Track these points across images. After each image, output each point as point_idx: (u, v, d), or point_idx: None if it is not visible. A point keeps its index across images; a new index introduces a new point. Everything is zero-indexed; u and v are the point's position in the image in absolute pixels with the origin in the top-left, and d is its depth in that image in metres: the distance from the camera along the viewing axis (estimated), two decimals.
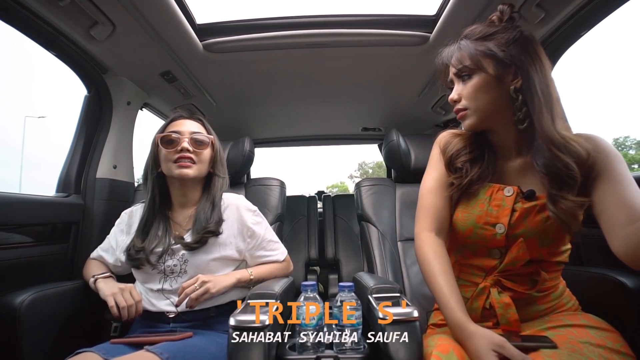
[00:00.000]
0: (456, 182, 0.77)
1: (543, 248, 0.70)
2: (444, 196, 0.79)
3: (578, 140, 0.67)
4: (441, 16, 1.13)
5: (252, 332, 0.65)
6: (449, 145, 0.82)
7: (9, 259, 0.99)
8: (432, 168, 0.85)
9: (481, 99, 0.72)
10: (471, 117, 0.74)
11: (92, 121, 1.36)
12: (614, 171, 0.64)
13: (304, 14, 1.25)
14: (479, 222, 0.73)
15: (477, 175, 0.75)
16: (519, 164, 0.75)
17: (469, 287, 0.77)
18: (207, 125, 1.05)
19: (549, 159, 0.66)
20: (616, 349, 0.60)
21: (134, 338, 0.82)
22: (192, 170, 0.95)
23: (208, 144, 1.00)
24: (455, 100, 0.76)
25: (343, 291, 0.78)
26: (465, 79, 0.73)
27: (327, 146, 2.62)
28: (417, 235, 0.79)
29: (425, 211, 0.80)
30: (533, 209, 0.69)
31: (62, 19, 1.01)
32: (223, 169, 1.06)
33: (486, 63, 0.70)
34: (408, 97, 1.68)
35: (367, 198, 1.27)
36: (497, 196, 0.73)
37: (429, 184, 0.82)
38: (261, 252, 1.01)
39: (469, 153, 0.79)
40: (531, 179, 0.73)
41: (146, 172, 1.00)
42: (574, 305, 0.75)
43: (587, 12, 1.00)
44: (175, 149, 0.94)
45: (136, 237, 0.93)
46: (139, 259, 0.90)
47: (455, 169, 0.79)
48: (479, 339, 0.61)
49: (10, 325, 0.81)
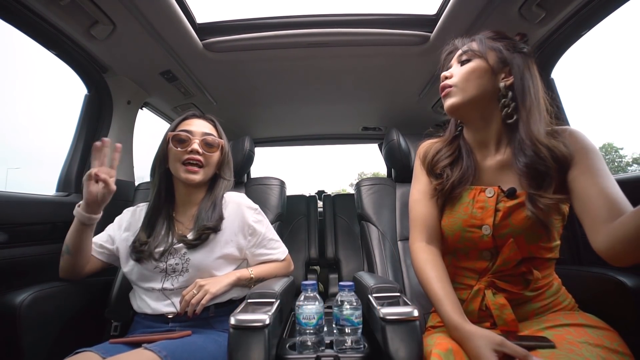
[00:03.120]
0: (439, 187, 0.80)
1: (532, 245, 0.71)
2: (431, 206, 0.82)
3: (557, 144, 0.69)
4: (441, 16, 1.13)
5: (252, 332, 0.65)
6: (428, 153, 0.87)
7: (9, 258, 0.99)
8: (416, 180, 0.88)
9: (471, 81, 0.75)
10: (456, 96, 0.77)
11: (92, 120, 1.36)
12: (592, 166, 0.66)
13: (304, 13, 1.25)
14: (465, 225, 0.75)
15: (458, 178, 0.77)
16: (497, 161, 0.77)
17: (464, 290, 0.77)
18: (218, 127, 1.05)
19: (531, 158, 0.68)
20: (614, 348, 0.60)
21: (132, 338, 0.83)
22: (199, 175, 0.95)
23: (218, 148, 1.00)
24: (446, 77, 0.79)
25: (343, 291, 0.78)
26: (464, 63, 0.77)
27: (327, 146, 2.63)
28: (411, 247, 0.82)
29: (416, 222, 0.83)
30: (516, 207, 0.70)
31: (62, 18, 1.02)
32: (229, 172, 1.06)
33: (490, 54, 0.75)
34: (408, 96, 1.68)
35: (367, 197, 1.27)
36: (480, 198, 0.75)
37: (415, 195, 0.86)
38: (262, 250, 1.01)
39: (448, 157, 0.82)
40: (510, 176, 0.75)
41: (154, 166, 1.00)
42: (570, 304, 0.75)
43: (587, 12, 1.00)
44: (185, 150, 0.94)
45: (141, 232, 0.94)
46: (142, 251, 0.90)
47: (436, 175, 0.82)
48: (477, 338, 0.61)
49: (10, 325, 0.82)
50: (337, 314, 0.77)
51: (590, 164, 0.67)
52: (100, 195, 0.86)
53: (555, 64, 1.21)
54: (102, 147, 0.87)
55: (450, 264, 0.81)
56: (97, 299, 1.06)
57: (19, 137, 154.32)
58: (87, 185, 0.85)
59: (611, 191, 0.63)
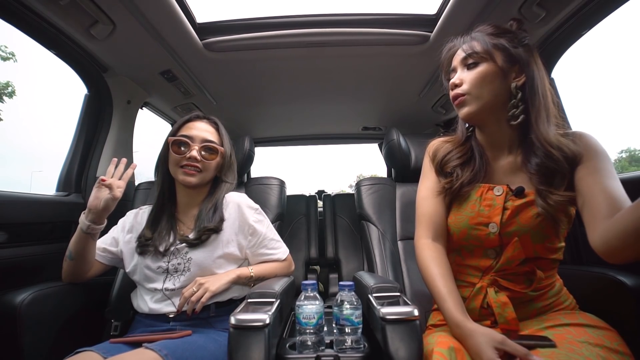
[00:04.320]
0: (447, 186, 0.79)
1: (537, 245, 0.71)
2: (438, 203, 0.81)
3: (567, 142, 0.70)
4: (441, 15, 1.13)
5: (252, 331, 0.65)
6: (438, 152, 0.86)
7: (9, 257, 0.99)
8: (425, 177, 0.88)
9: (485, 87, 0.73)
10: (471, 104, 0.74)
11: (92, 120, 1.36)
12: (599, 167, 0.67)
13: (304, 13, 1.25)
14: (472, 222, 0.75)
15: (469, 178, 0.77)
16: (508, 162, 0.77)
17: (466, 287, 0.77)
18: (221, 130, 1.05)
19: (543, 158, 0.69)
20: (614, 348, 0.61)
21: (133, 337, 0.83)
22: (195, 178, 0.95)
23: (217, 154, 1.00)
24: (456, 85, 0.76)
25: (343, 290, 0.78)
26: (471, 67, 0.74)
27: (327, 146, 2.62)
28: (416, 243, 0.82)
29: (422, 219, 0.83)
30: (524, 206, 0.70)
31: (62, 18, 1.01)
32: (232, 175, 1.06)
33: (497, 54, 0.72)
34: (408, 96, 1.68)
35: (368, 197, 1.27)
36: (488, 196, 0.75)
37: (423, 192, 0.85)
38: (263, 250, 1.01)
39: (459, 158, 0.81)
40: (519, 177, 0.75)
41: (157, 166, 1.03)
42: (571, 304, 0.76)
43: (587, 12, 1.00)
44: (183, 156, 0.94)
45: (146, 229, 0.95)
46: (147, 246, 0.92)
47: (446, 174, 0.82)
48: (478, 336, 0.61)
49: (10, 324, 0.82)
50: (337, 314, 0.77)
51: (597, 164, 0.67)
52: (103, 202, 0.87)
53: (556, 64, 1.21)
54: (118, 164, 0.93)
55: (454, 262, 0.81)
56: (97, 299, 1.06)
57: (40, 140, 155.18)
58: (93, 191, 0.88)
59: (614, 190, 0.63)
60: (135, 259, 0.94)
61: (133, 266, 0.93)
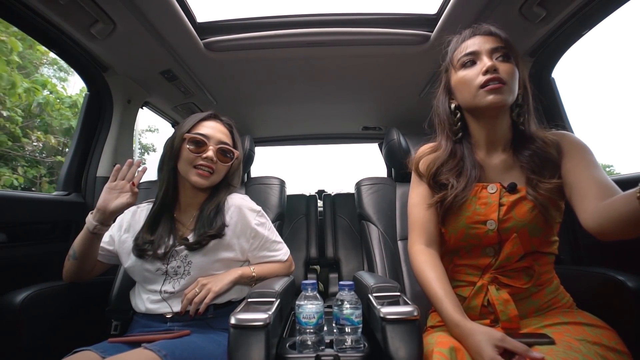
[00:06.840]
0: (439, 199, 0.79)
1: (534, 238, 0.72)
2: (431, 212, 0.82)
3: (546, 135, 0.76)
4: (442, 15, 1.13)
5: (252, 331, 0.66)
6: (428, 167, 0.83)
7: (9, 257, 0.99)
8: (415, 186, 0.88)
9: (515, 84, 0.74)
10: (507, 94, 0.72)
11: (92, 120, 1.36)
12: (584, 159, 0.72)
13: (303, 12, 1.25)
14: (469, 222, 0.75)
15: (463, 186, 0.77)
16: (501, 161, 0.79)
17: (466, 287, 0.78)
18: (235, 134, 1.04)
19: (534, 149, 0.74)
20: (612, 346, 0.61)
21: (131, 337, 0.82)
22: (208, 181, 0.94)
23: (231, 158, 0.99)
24: (495, 69, 0.71)
25: (343, 290, 0.78)
26: (499, 60, 0.73)
27: (327, 147, 2.62)
28: (410, 249, 0.83)
29: (414, 226, 0.84)
30: (518, 201, 0.72)
31: (62, 17, 1.01)
32: (237, 179, 1.05)
33: (513, 53, 0.75)
34: (409, 96, 1.68)
35: (368, 197, 1.27)
36: (482, 195, 0.76)
37: (414, 199, 0.86)
38: (264, 252, 1.00)
39: (450, 170, 0.80)
40: (511, 175, 0.77)
41: (162, 162, 0.98)
42: (569, 302, 0.76)
43: (588, 12, 1.00)
44: (199, 154, 0.92)
45: (145, 230, 0.92)
46: (145, 249, 0.89)
47: (440, 185, 0.81)
48: (478, 334, 0.62)
49: (10, 323, 0.82)
50: (337, 314, 0.77)
51: (582, 157, 0.72)
52: (116, 205, 0.86)
53: (556, 64, 1.21)
54: (128, 167, 0.89)
55: (451, 263, 0.81)
56: (97, 299, 1.06)
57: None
58: (103, 193, 0.87)
59: (599, 176, 0.68)
60: (131, 258, 0.92)
61: (131, 266, 0.92)
